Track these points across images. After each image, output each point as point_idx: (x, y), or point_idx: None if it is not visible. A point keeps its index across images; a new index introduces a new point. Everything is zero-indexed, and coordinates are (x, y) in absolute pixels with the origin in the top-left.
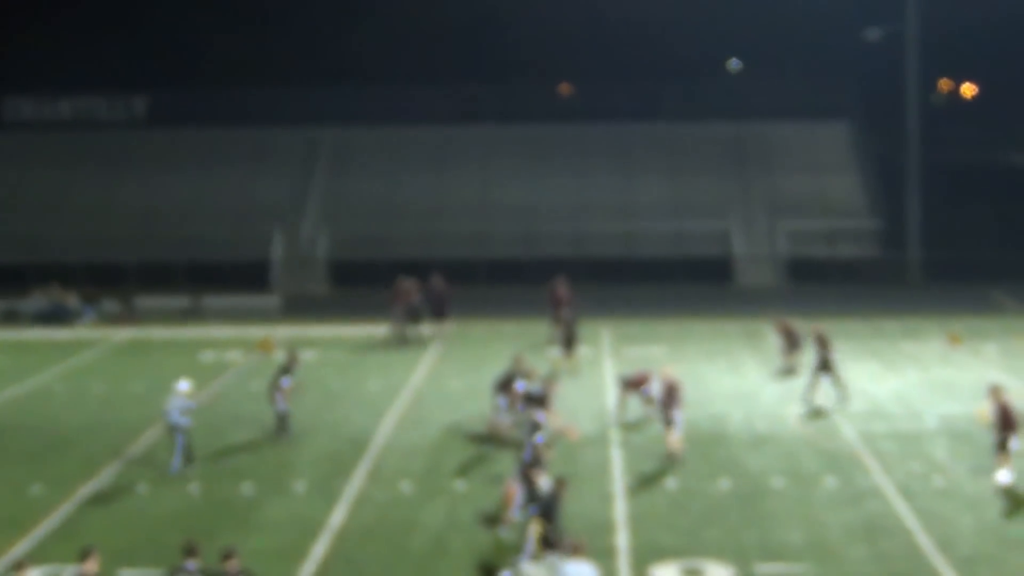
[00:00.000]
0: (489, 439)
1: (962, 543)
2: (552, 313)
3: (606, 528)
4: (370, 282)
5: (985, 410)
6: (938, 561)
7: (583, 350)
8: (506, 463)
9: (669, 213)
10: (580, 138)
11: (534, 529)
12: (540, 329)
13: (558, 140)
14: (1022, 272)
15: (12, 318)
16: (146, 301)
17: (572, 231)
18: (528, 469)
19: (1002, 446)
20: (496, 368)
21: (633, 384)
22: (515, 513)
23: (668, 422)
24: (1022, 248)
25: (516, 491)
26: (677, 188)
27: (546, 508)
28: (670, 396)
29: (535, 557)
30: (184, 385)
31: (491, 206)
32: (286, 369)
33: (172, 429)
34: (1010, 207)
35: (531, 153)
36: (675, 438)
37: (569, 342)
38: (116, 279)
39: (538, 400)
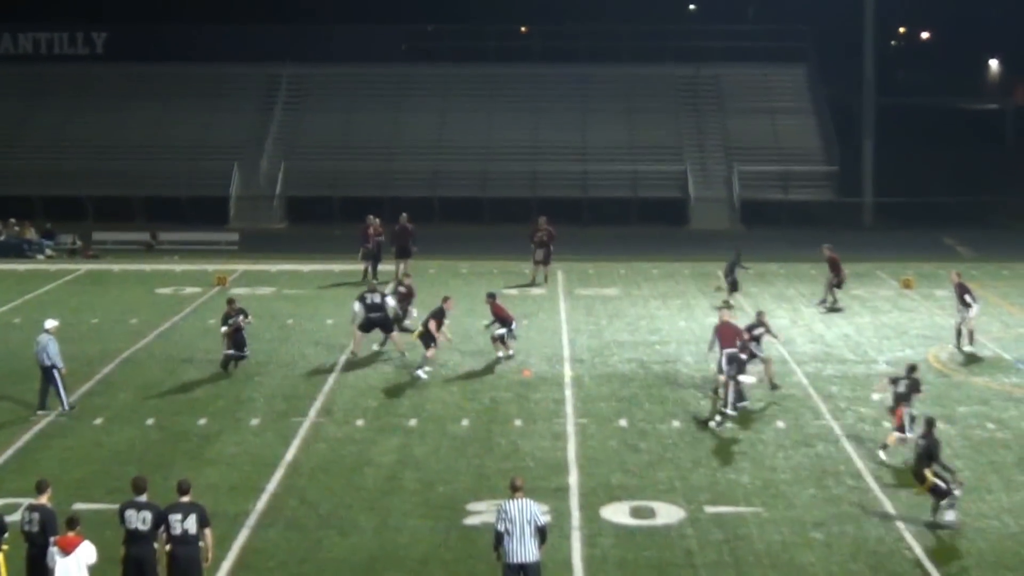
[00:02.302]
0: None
1: (910, 486)
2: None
3: (558, 468)
4: (327, 219)
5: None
6: (887, 504)
7: (537, 292)
8: (453, 399)
9: (625, 155)
10: (537, 79)
11: None
12: (493, 266)
13: (515, 80)
14: (974, 217)
15: None
16: (104, 235)
17: (528, 171)
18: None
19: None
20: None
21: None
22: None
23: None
24: (974, 194)
25: None
26: (633, 130)
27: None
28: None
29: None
30: (51, 323)
31: (447, 145)
32: (242, 312)
33: (46, 369)
34: (963, 153)
35: (487, 93)
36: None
37: (546, 259)
38: (75, 213)
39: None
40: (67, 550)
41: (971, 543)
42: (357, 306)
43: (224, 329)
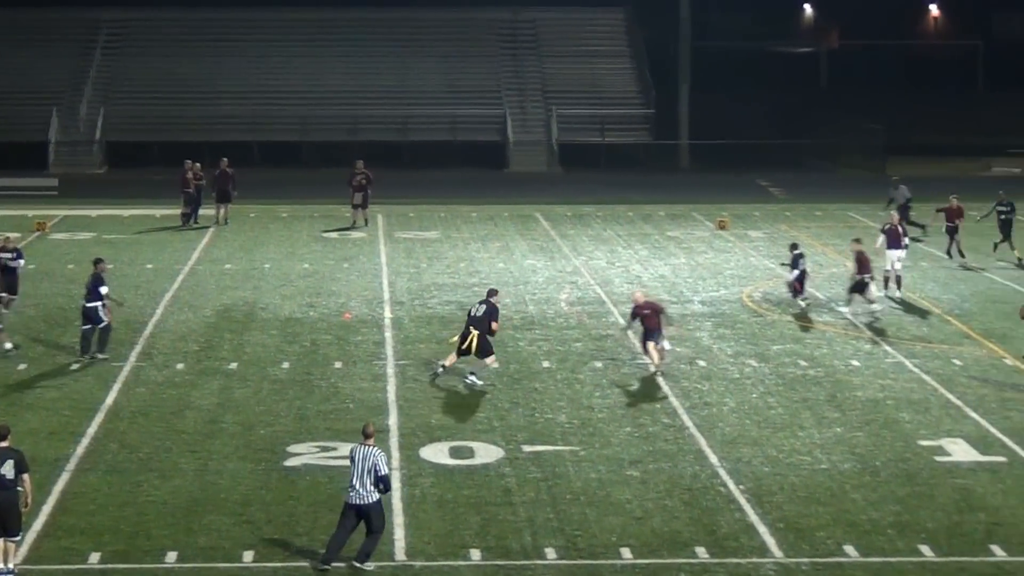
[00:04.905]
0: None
1: (724, 424)
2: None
3: (378, 409)
4: (147, 164)
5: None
6: (701, 442)
7: (357, 235)
8: (274, 342)
9: (444, 98)
10: (357, 23)
11: None
12: (314, 210)
13: (336, 24)
14: (788, 159)
15: None
16: None
17: (348, 115)
18: None
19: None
20: (271, 251)
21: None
22: None
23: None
24: (789, 136)
25: None
26: (452, 74)
27: None
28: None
29: None
30: None
31: (268, 89)
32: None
33: None
34: (778, 96)
35: (308, 37)
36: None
37: (364, 203)
38: None
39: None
40: None
41: (783, 478)
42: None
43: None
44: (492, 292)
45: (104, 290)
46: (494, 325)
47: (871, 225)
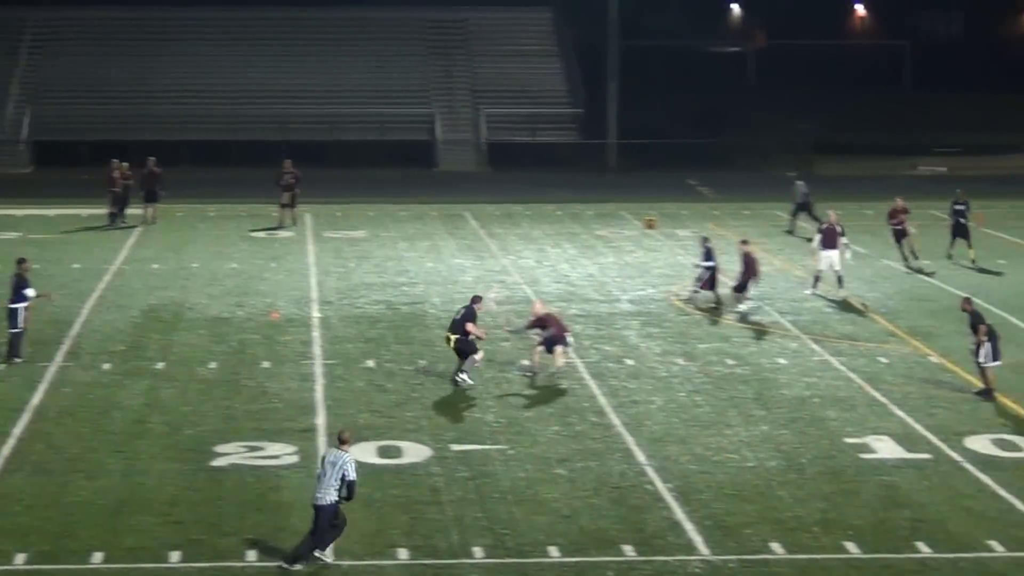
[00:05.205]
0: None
1: (651, 422)
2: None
3: (306, 409)
4: (74, 163)
5: None
6: (629, 440)
7: (285, 234)
8: (201, 342)
9: (373, 98)
10: (285, 21)
11: None
12: (241, 210)
13: (262, 23)
14: (716, 158)
15: None
16: None
17: (277, 115)
18: None
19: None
20: (199, 251)
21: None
22: None
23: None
24: (717, 135)
25: None
26: (381, 73)
27: None
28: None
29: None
30: None
31: (196, 89)
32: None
33: None
34: (706, 95)
35: (235, 37)
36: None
37: (292, 202)
38: None
39: None
40: None
41: (710, 476)
42: None
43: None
44: (475, 299)
45: (31, 292)
46: (469, 326)
47: (800, 225)
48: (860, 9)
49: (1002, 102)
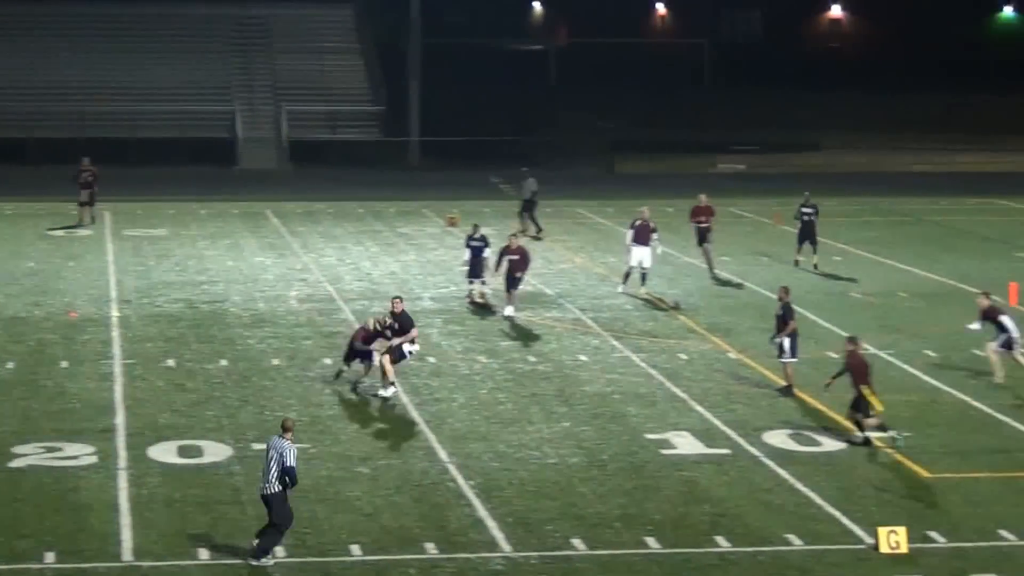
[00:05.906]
0: None
1: (454, 420)
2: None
3: (105, 409)
4: None
5: None
6: (431, 438)
7: (84, 233)
8: (0, 340)
9: (173, 95)
10: (85, 17)
11: None
12: (40, 208)
13: (61, 18)
14: (519, 155)
15: None
16: None
17: (75, 111)
18: None
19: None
20: None
21: None
22: None
23: None
24: (520, 133)
25: None
26: (181, 70)
27: None
28: None
29: None
30: None
31: None
32: None
33: None
34: (509, 92)
35: (33, 31)
36: None
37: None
38: None
39: None
40: None
41: (512, 473)
42: None
43: None
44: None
45: None
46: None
47: (601, 222)
48: (661, 8)
49: (800, 100)
